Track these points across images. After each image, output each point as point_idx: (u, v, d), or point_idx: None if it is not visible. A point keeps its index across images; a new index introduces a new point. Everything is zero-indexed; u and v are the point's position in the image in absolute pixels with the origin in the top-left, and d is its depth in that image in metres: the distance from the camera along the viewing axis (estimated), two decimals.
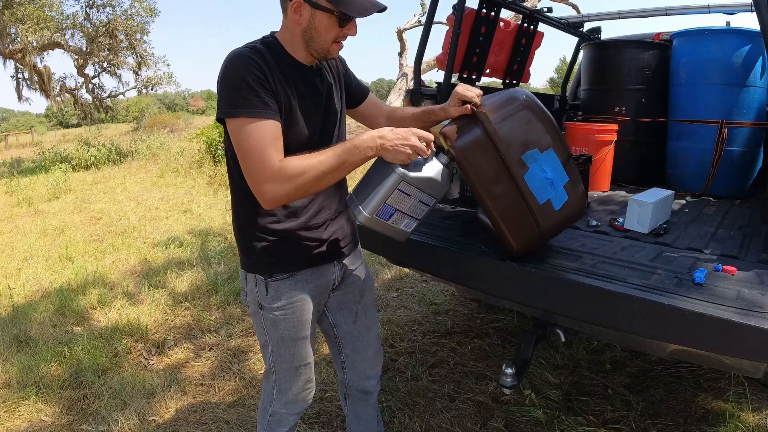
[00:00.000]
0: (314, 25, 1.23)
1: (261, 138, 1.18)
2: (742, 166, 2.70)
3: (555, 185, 1.43)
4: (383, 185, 1.24)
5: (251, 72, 1.18)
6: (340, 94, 1.45)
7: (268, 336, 1.45)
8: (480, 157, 1.38)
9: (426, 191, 1.29)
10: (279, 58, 1.27)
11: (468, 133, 1.37)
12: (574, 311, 1.43)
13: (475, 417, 2.16)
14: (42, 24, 14.47)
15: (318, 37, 1.25)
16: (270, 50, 1.26)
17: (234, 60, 1.21)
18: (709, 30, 2.67)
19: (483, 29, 2.65)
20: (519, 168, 1.39)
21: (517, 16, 4.73)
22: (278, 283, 1.37)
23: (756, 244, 1.74)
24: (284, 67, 1.27)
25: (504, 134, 1.36)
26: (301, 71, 1.31)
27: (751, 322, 1.10)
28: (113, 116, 25.14)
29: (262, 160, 1.17)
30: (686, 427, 2.04)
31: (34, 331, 3.10)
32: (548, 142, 1.40)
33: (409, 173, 1.23)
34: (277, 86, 1.23)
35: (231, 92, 1.19)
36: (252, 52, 1.22)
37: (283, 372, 1.49)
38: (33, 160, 13.81)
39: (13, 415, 2.31)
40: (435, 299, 3.38)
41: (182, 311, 3.36)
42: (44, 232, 5.75)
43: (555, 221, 1.47)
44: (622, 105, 3.02)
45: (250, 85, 1.18)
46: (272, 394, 1.54)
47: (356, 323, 1.61)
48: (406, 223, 1.32)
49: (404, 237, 1.36)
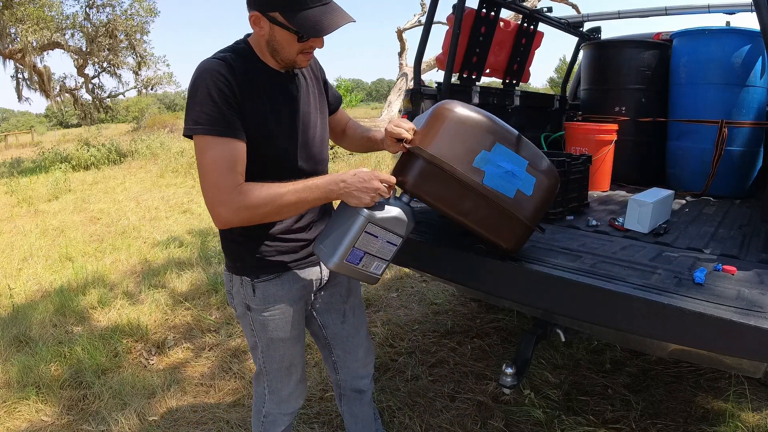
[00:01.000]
0: (275, 38, 1.19)
1: (219, 159, 1.15)
2: (742, 166, 2.70)
3: (517, 173, 1.40)
4: (350, 229, 1.25)
5: (218, 88, 1.15)
6: (317, 98, 1.41)
7: (257, 338, 1.44)
8: (434, 185, 1.37)
9: (392, 231, 1.30)
10: (250, 66, 1.23)
11: (412, 167, 1.36)
12: (574, 311, 1.43)
13: (475, 417, 2.16)
14: (42, 24, 14.48)
15: (281, 49, 1.21)
16: (241, 58, 1.22)
17: (202, 74, 1.17)
18: (709, 30, 2.67)
19: (483, 29, 2.65)
20: (476, 176, 1.36)
21: (517, 16, 4.73)
22: (265, 284, 1.36)
23: (756, 244, 1.74)
24: (256, 76, 1.23)
25: (444, 155, 1.33)
26: (274, 78, 1.28)
27: (751, 322, 1.10)
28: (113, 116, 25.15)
29: (217, 183, 1.15)
30: (686, 427, 2.04)
31: (34, 331, 3.10)
32: (491, 139, 1.37)
33: (375, 214, 1.24)
34: (246, 100, 1.20)
35: (195, 108, 1.16)
36: (220, 65, 1.18)
37: (273, 373, 1.49)
38: (33, 160, 13.80)
39: (13, 415, 2.31)
40: (435, 299, 3.38)
41: (182, 311, 3.36)
42: (44, 232, 5.74)
43: (535, 205, 1.45)
44: (622, 105, 3.02)
45: (215, 101, 1.15)
46: (264, 395, 1.54)
47: (345, 323, 1.62)
48: (375, 266, 1.33)
49: (375, 281, 1.37)
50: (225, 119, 1.15)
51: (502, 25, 2.85)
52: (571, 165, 2.09)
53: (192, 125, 1.16)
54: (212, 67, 1.17)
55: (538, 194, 1.44)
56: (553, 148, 3.37)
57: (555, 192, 1.50)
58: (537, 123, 3.40)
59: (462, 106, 1.37)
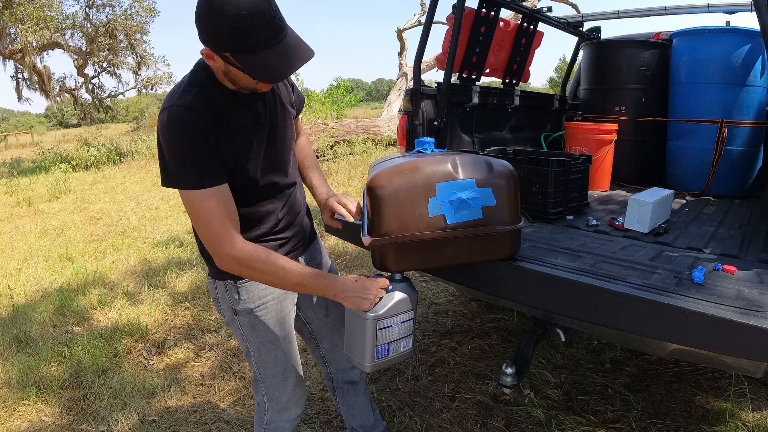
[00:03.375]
0: (230, 72, 1.14)
1: (213, 210, 1.16)
2: (742, 166, 2.70)
3: (471, 195, 1.36)
4: (365, 335, 1.32)
5: (188, 142, 1.13)
6: (284, 103, 1.38)
7: (248, 342, 1.44)
8: (412, 255, 1.39)
9: (401, 312, 1.35)
10: (215, 99, 1.18)
11: (386, 255, 1.39)
12: (573, 311, 1.43)
13: (475, 416, 2.16)
14: (42, 24, 14.47)
15: (239, 80, 1.16)
16: (205, 93, 1.17)
17: (171, 129, 1.13)
18: (709, 29, 2.67)
19: (483, 29, 2.65)
20: (439, 224, 1.35)
21: (516, 16, 4.73)
22: (248, 285, 1.37)
23: (756, 244, 1.74)
24: (222, 110, 1.19)
25: (401, 228, 1.34)
26: (240, 102, 1.23)
27: (751, 322, 1.10)
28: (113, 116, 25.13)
29: (218, 237, 1.18)
30: (686, 427, 2.04)
31: (34, 331, 3.10)
32: (429, 184, 1.34)
33: (379, 311, 1.31)
34: (219, 139, 1.17)
35: (173, 163, 1.15)
36: (188, 114, 1.13)
37: (269, 379, 1.48)
38: (33, 160, 13.80)
39: (14, 415, 2.31)
40: (435, 299, 3.38)
41: (182, 311, 3.36)
42: (44, 232, 5.74)
43: (507, 208, 1.41)
44: (621, 104, 3.02)
45: (187, 154, 1.13)
46: (264, 403, 1.53)
47: (328, 317, 1.63)
48: (404, 345, 1.40)
49: (409, 355, 1.45)
50: (204, 170, 1.15)
51: (502, 24, 2.85)
52: (571, 165, 2.09)
53: (174, 180, 1.16)
54: (180, 119, 1.13)
55: (502, 198, 1.40)
56: (553, 147, 3.37)
57: (517, 183, 1.44)
58: (537, 123, 3.40)
59: (386, 176, 1.35)
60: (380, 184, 1.35)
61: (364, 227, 1.41)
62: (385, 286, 1.33)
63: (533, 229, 1.93)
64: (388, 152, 8.79)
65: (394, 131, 10.09)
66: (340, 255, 4.29)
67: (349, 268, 4.01)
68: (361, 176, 7.50)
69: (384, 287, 1.33)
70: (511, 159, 1.90)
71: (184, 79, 1.22)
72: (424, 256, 1.40)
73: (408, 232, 1.34)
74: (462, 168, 1.38)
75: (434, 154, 1.47)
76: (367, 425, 1.83)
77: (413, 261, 1.42)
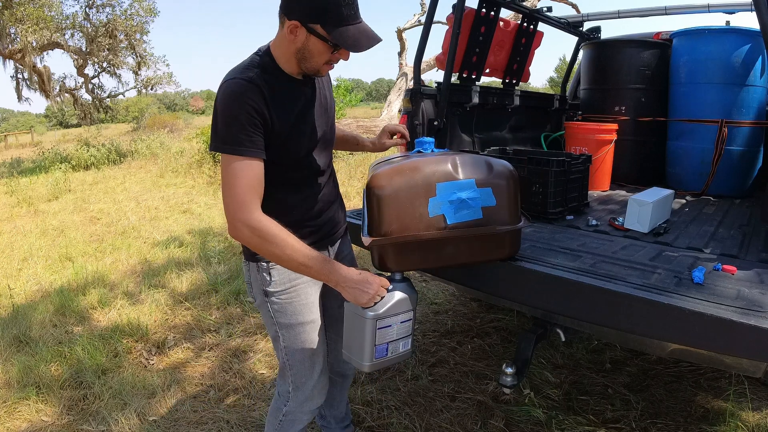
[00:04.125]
0: (308, 47, 1.26)
1: (243, 178, 1.24)
2: (742, 166, 2.70)
3: (471, 195, 1.37)
4: (364, 333, 1.33)
5: (246, 112, 1.22)
6: (328, 99, 1.50)
7: (277, 325, 1.47)
8: (412, 255, 1.40)
9: (401, 312, 1.36)
10: (275, 80, 1.30)
11: (386, 255, 1.39)
12: (573, 311, 1.43)
13: (476, 416, 2.16)
14: (41, 24, 14.47)
15: (311, 58, 1.28)
16: (264, 72, 1.28)
17: (231, 97, 1.23)
18: (709, 29, 2.67)
19: (483, 29, 2.65)
20: (440, 223, 1.35)
21: (516, 16, 4.73)
22: (280, 268, 1.40)
23: (756, 244, 1.74)
24: (280, 90, 1.30)
25: (401, 229, 1.34)
26: (296, 87, 1.35)
27: (751, 322, 1.10)
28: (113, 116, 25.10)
29: (239, 202, 1.24)
30: (686, 427, 2.04)
31: (34, 332, 3.10)
32: (429, 184, 1.35)
33: (378, 310, 1.31)
34: (274, 116, 1.27)
35: (223, 128, 1.24)
36: (250, 89, 1.24)
37: (297, 364, 1.51)
38: (33, 160, 13.80)
39: (14, 416, 2.31)
40: (435, 299, 3.38)
41: (182, 311, 3.36)
42: (44, 232, 5.74)
43: (507, 208, 1.41)
44: (621, 104, 3.03)
45: (241, 123, 1.22)
46: (288, 393, 1.55)
47: (341, 308, 1.64)
48: (402, 345, 1.40)
49: (407, 356, 1.44)
50: (250, 140, 1.23)
51: (502, 24, 2.85)
52: (571, 165, 2.09)
53: (220, 144, 1.24)
54: (242, 91, 1.23)
55: (502, 198, 1.41)
56: (553, 147, 3.37)
57: (517, 183, 1.45)
58: (537, 123, 3.40)
59: (386, 176, 1.36)
60: (380, 184, 1.35)
61: (364, 227, 1.42)
62: (386, 286, 1.34)
63: (533, 229, 1.93)
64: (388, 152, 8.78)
65: None
66: None
67: None
68: (361, 176, 7.51)
69: (385, 287, 1.33)
70: (511, 159, 1.90)
71: (245, 61, 1.32)
72: (424, 256, 1.40)
73: (408, 233, 1.34)
74: (462, 168, 1.39)
75: (434, 154, 1.47)
76: (339, 416, 1.90)
77: (413, 261, 1.42)
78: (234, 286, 3.61)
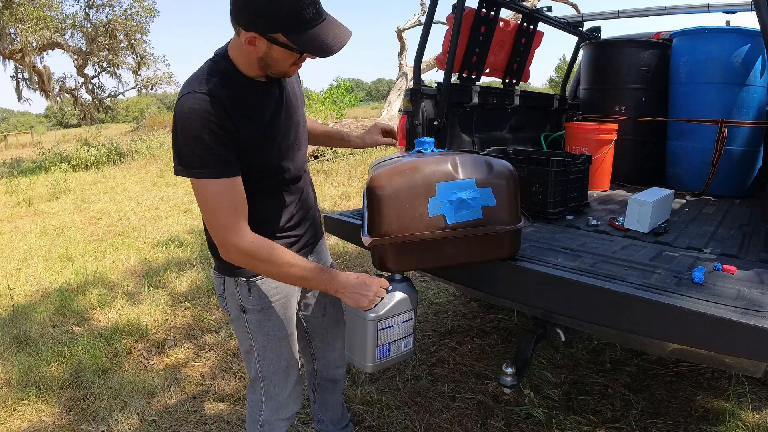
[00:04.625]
0: (271, 55, 1.15)
1: (223, 200, 1.15)
2: (742, 166, 2.70)
3: (471, 195, 1.37)
4: (366, 335, 1.33)
5: (209, 129, 1.12)
6: (298, 94, 1.41)
7: (252, 340, 1.44)
8: (412, 255, 1.39)
9: (401, 312, 1.36)
10: (236, 87, 1.19)
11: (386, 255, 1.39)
12: (573, 310, 1.43)
13: (475, 416, 2.16)
14: (41, 24, 14.47)
15: (275, 64, 1.18)
16: (226, 81, 1.17)
17: (188, 116, 1.12)
18: (709, 29, 2.67)
19: (483, 29, 2.65)
20: (440, 223, 1.35)
21: (516, 16, 4.73)
22: (261, 282, 1.37)
23: (756, 244, 1.74)
24: (243, 97, 1.20)
25: (401, 228, 1.33)
26: (261, 91, 1.25)
27: (751, 321, 1.10)
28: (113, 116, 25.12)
29: (226, 227, 1.17)
30: (686, 427, 2.04)
31: (34, 332, 3.10)
32: (429, 184, 1.34)
33: (379, 311, 1.32)
34: (239, 126, 1.17)
35: (187, 150, 1.13)
36: (208, 103, 1.12)
37: (270, 376, 1.48)
38: (33, 160, 13.79)
39: (14, 416, 2.31)
40: (435, 299, 3.38)
41: (182, 311, 3.36)
42: (44, 232, 5.74)
43: (507, 209, 1.40)
44: (621, 104, 3.02)
45: (207, 144, 1.12)
46: (261, 402, 1.52)
47: (325, 316, 1.66)
48: (404, 344, 1.41)
49: (410, 355, 1.46)
50: (219, 160, 1.14)
51: (502, 24, 2.85)
52: (571, 165, 2.09)
53: (186, 168, 1.14)
54: (200, 107, 1.12)
55: (502, 198, 1.39)
56: (553, 147, 3.37)
57: (517, 183, 1.43)
58: (537, 122, 3.40)
59: (386, 177, 1.35)
60: (380, 184, 1.34)
61: (364, 227, 1.41)
62: (385, 287, 1.33)
63: (533, 229, 1.93)
64: (388, 152, 8.78)
65: None
66: (340, 255, 4.29)
67: (349, 268, 4.01)
68: (361, 176, 7.50)
69: (384, 287, 1.33)
70: (511, 159, 1.90)
71: (202, 69, 1.20)
72: (423, 256, 1.40)
73: (408, 233, 1.34)
74: (462, 168, 1.38)
75: (434, 154, 1.47)
76: (335, 419, 1.89)
77: (413, 261, 1.42)
78: None
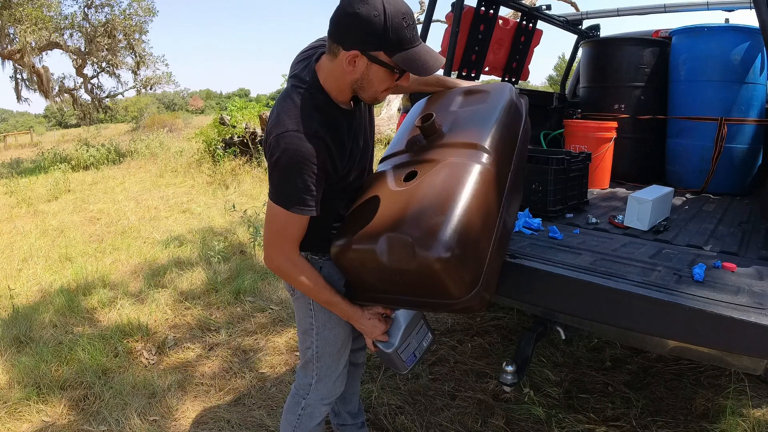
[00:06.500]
0: (368, 77, 1.20)
1: (293, 231, 1.28)
2: (742, 163, 2.70)
3: None
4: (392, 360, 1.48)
5: (311, 170, 1.19)
6: (370, 116, 1.48)
7: (314, 318, 1.49)
8: None
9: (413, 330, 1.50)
10: (331, 119, 1.26)
11: None
12: (574, 308, 1.43)
13: (476, 415, 2.16)
14: (40, 24, 14.46)
15: (369, 87, 1.23)
16: (322, 115, 1.23)
17: (293, 157, 1.18)
18: (708, 27, 2.67)
19: (482, 27, 2.65)
20: None
21: (516, 14, 4.72)
22: (330, 263, 1.42)
23: (756, 241, 1.74)
24: (338, 128, 1.27)
25: None
26: (348, 118, 1.32)
27: (751, 318, 1.10)
28: (112, 116, 25.13)
29: (282, 247, 1.30)
30: (687, 424, 2.05)
31: (34, 332, 3.10)
32: None
33: (395, 343, 1.45)
34: (335, 161, 1.26)
35: (281, 186, 1.23)
36: (314, 143, 1.18)
37: (326, 356, 1.53)
38: (32, 160, 13.78)
39: (14, 416, 2.31)
40: None
41: (183, 311, 3.36)
42: (44, 233, 5.74)
43: None
44: (621, 102, 3.02)
45: (306, 184, 1.20)
46: (309, 386, 1.57)
47: None
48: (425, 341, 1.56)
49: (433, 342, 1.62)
50: (312, 198, 1.23)
51: (501, 23, 2.85)
52: (571, 163, 2.09)
53: (282, 199, 1.24)
54: (306, 150, 1.18)
55: None
56: (552, 145, 3.37)
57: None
58: (536, 121, 3.40)
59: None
60: None
61: None
62: (387, 314, 1.44)
63: None
64: None
65: (394, 130, 10.09)
66: None
67: None
68: None
69: (386, 315, 1.44)
70: None
71: (295, 102, 1.23)
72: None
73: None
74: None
75: None
76: (353, 411, 1.91)
77: None
78: (234, 286, 3.61)
